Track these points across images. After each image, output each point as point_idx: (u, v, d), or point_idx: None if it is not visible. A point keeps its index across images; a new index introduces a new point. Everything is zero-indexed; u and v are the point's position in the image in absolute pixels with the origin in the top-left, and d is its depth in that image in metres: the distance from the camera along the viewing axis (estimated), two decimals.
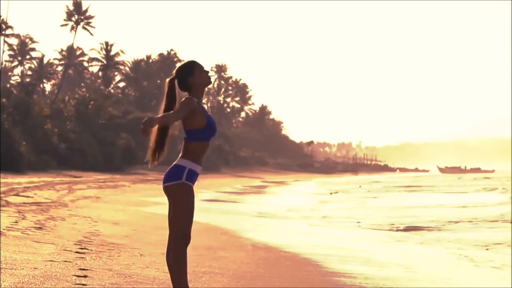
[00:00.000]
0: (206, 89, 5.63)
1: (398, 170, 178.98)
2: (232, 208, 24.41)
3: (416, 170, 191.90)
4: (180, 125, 5.49)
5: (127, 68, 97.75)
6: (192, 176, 5.41)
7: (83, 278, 6.89)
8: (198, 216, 11.65)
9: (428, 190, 49.09)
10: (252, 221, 18.78)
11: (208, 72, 5.57)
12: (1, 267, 6.98)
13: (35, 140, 48.05)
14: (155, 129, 5.47)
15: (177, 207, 5.40)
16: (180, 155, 5.44)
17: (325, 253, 11.61)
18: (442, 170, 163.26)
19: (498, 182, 63.54)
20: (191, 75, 5.46)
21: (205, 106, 5.60)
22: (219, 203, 26.88)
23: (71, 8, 78.83)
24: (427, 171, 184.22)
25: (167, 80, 5.53)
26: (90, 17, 79.36)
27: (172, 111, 5.33)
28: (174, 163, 5.45)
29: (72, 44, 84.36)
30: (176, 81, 5.50)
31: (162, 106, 5.47)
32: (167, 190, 5.43)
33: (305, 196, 37.95)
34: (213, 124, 5.46)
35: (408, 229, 17.81)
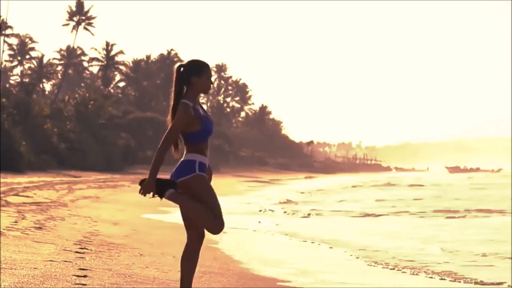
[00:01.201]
0: None
1: (394, 170, 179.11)
2: (233, 208, 24.41)
3: (413, 170, 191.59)
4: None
5: (127, 68, 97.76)
6: (203, 168, 5.38)
7: (83, 278, 6.89)
8: None
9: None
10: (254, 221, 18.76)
11: (212, 82, 5.53)
12: (1, 267, 6.98)
13: (35, 140, 48.04)
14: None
15: (202, 195, 5.32)
16: (185, 152, 5.41)
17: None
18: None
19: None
20: (197, 75, 5.40)
21: (205, 107, 5.48)
22: None
23: (74, 8, 78.91)
24: (425, 170, 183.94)
25: (176, 66, 5.48)
26: (92, 17, 79.41)
27: (166, 132, 5.28)
28: (182, 159, 5.39)
29: (73, 44, 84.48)
30: (181, 70, 5.44)
31: (172, 94, 5.42)
32: (181, 187, 5.35)
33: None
34: (208, 126, 5.41)
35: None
